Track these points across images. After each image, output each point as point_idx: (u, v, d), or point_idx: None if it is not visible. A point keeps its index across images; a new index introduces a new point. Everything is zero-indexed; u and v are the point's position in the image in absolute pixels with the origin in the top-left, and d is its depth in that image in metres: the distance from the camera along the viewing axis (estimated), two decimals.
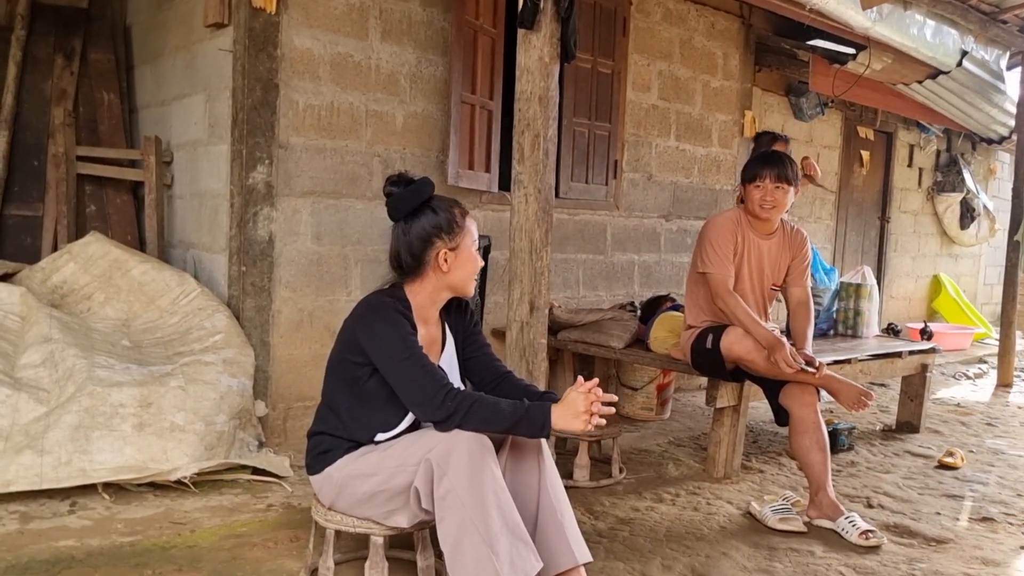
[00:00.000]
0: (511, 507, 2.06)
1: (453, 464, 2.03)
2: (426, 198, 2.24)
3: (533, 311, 2.90)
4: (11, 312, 3.37)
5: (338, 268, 3.88)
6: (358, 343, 2.19)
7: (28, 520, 2.73)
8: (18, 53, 4.21)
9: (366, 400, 2.22)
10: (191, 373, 3.20)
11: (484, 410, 2.08)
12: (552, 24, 2.86)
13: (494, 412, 2.09)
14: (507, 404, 2.10)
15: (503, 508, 2.03)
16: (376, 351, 2.16)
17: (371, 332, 2.17)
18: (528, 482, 2.21)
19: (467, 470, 2.03)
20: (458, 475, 2.02)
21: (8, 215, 4.16)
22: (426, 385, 2.09)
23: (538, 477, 2.21)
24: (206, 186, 3.91)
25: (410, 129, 4.07)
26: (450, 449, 2.05)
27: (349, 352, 2.21)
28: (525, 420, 2.09)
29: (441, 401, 2.08)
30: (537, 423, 2.10)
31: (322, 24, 3.73)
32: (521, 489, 2.20)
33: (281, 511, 2.96)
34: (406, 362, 2.11)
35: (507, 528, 2.02)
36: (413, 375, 2.10)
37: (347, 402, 2.24)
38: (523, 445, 2.24)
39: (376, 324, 2.17)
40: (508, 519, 2.03)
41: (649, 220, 5.42)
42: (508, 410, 2.09)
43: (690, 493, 3.45)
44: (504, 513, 2.03)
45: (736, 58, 5.84)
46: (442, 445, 2.06)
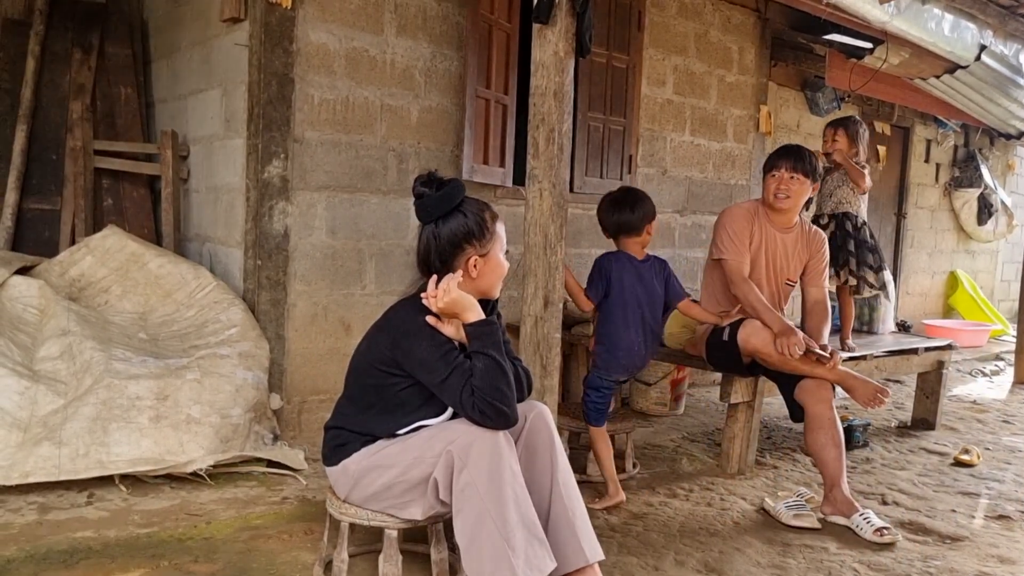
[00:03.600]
0: (528, 504, 2.07)
1: (474, 457, 2.04)
2: (458, 202, 2.23)
3: (548, 306, 2.90)
4: (30, 305, 3.41)
5: (353, 262, 3.90)
6: (396, 361, 2.18)
7: (46, 511, 2.76)
8: (36, 48, 4.24)
9: (397, 404, 2.22)
10: (207, 366, 3.22)
11: (490, 381, 2.09)
12: (567, 19, 2.85)
13: (490, 371, 2.09)
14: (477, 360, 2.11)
15: (521, 504, 2.04)
16: (423, 375, 2.16)
17: (411, 356, 2.16)
18: (541, 480, 2.22)
19: (487, 464, 2.04)
20: (479, 468, 2.03)
21: (26, 208, 4.19)
22: (463, 402, 2.10)
23: (551, 475, 2.22)
24: (222, 180, 3.93)
25: (425, 124, 4.07)
26: (472, 442, 2.06)
27: (383, 364, 2.19)
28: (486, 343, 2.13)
29: (472, 411, 2.09)
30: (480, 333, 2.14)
31: (337, 18, 3.73)
32: (534, 487, 2.21)
33: (296, 504, 2.98)
34: (448, 381, 2.12)
35: (524, 525, 2.03)
36: (455, 391, 2.11)
37: (374, 404, 2.24)
38: (537, 443, 2.24)
39: (415, 348, 2.15)
40: (525, 516, 2.04)
41: (663, 215, 5.39)
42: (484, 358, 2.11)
43: (704, 489, 3.44)
44: (521, 509, 2.04)
45: (752, 52, 5.81)
46: (464, 438, 2.07)
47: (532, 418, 2.27)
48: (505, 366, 2.12)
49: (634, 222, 3.29)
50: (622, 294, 3.25)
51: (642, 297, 3.27)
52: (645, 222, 3.31)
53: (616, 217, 3.31)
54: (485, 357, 2.11)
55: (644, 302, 3.27)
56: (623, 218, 3.29)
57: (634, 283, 3.26)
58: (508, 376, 2.12)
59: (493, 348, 2.12)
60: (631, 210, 3.28)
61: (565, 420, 3.51)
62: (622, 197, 3.34)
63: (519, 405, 2.29)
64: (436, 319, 2.18)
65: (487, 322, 2.15)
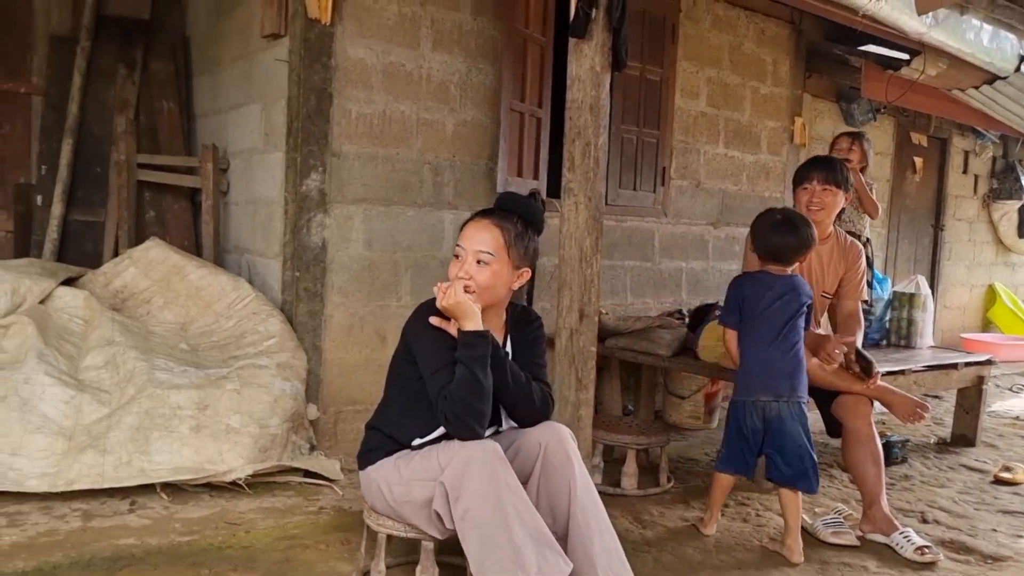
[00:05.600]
0: (533, 515, 2.06)
1: (467, 484, 2.05)
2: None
3: (583, 318, 2.91)
4: (75, 315, 3.48)
5: (389, 274, 3.93)
6: (410, 348, 2.28)
7: (90, 518, 2.82)
8: (83, 63, 4.35)
9: (413, 401, 2.28)
10: (246, 376, 3.27)
11: (462, 392, 2.11)
12: (603, 33, 2.87)
13: (466, 383, 2.11)
14: (458, 368, 2.13)
15: (523, 518, 2.03)
16: (419, 361, 2.24)
17: (416, 339, 2.27)
18: (559, 503, 2.21)
19: (481, 488, 2.04)
20: (473, 495, 2.04)
21: (72, 220, 4.30)
22: (438, 403, 2.15)
23: (568, 500, 2.20)
24: (261, 193, 3.99)
25: (460, 137, 4.11)
26: (462, 469, 2.07)
27: (405, 353, 2.30)
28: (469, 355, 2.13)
29: (441, 415, 2.14)
30: (466, 343, 2.15)
31: (375, 34, 3.79)
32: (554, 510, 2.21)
33: (332, 514, 3.01)
34: (435, 375, 2.18)
35: (531, 538, 2.02)
36: (434, 389, 2.17)
37: (397, 399, 2.33)
38: (554, 467, 2.23)
39: (421, 332, 2.25)
40: (530, 528, 2.03)
41: (697, 227, 5.38)
42: (463, 369, 2.12)
43: (739, 504, 3.42)
44: (525, 523, 2.03)
45: (786, 64, 5.78)
46: (453, 467, 2.08)
47: (547, 443, 2.26)
48: (483, 382, 2.13)
49: (790, 250, 3.00)
50: (757, 308, 3.01)
51: (779, 309, 2.97)
52: (800, 252, 3.02)
53: (774, 239, 3.01)
54: (465, 368, 2.13)
55: (780, 313, 2.97)
56: (783, 242, 2.99)
57: (772, 299, 2.98)
58: (482, 392, 2.13)
59: (475, 362, 2.13)
60: (796, 235, 2.98)
61: (599, 433, 3.51)
62: (783, 220, 3.03)
63: (538, 427, 2.31)
64: (442, 320, 2.22)
65: (478, 334, 2.16)
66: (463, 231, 2.30)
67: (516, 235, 2.28)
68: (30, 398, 3.00)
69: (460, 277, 2.21)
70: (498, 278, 2.25)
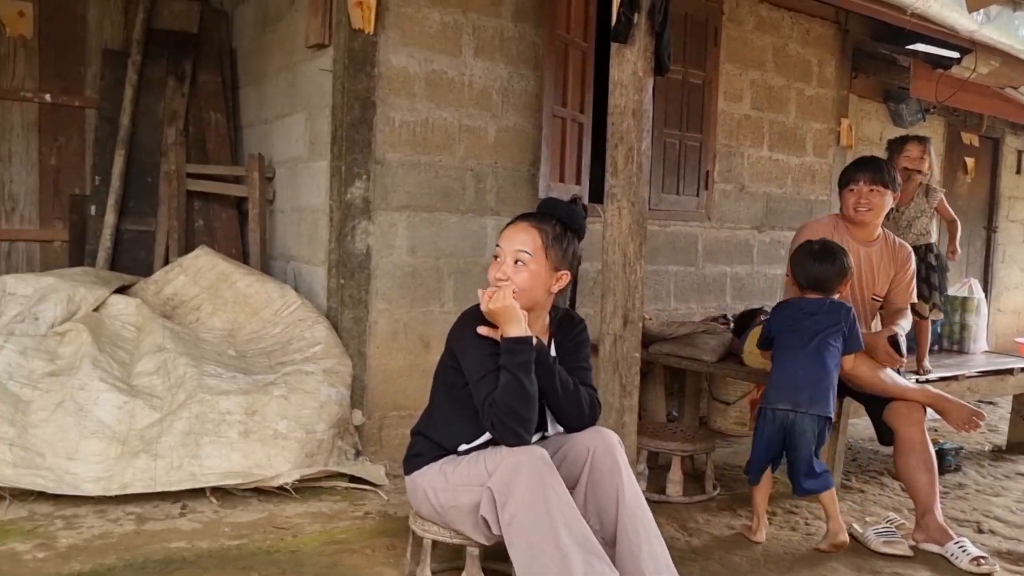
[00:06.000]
0: (579, 522, 2.05)
1: (514, 490, 2.05)
2: None
3: (627, 324, 2.90)
4: (128, 322, 3.57)
5: (432, 280, 3.96)
6: (455, 354, 2.29)
7: (143, 521, 2.88)
8: (134, 76, 4.46)
9: (459, 407, 2.28)
10: (293, 382, 3.32)
11: (507, 398, 2.11)
12: (646, 38, 2.86)
13: (510, 390, 2.11)
14: (502, 375, 2.13)
15: (571, 525, 2.02)
16: (465, 368, 2.25)
17: (461, 344, 2.27)
18: (607, 509, 2.20)
19: (528, 494, 2.03)
20: (520, 500, 2.04)
21: (124, 230, 4.40)
22: (483, 410, 2.16)
23: (616, 506, 2.19)
24: (306, 201, 4.05)
25: (502, 143, 4.12)
26: (509, 475, 2.07)
27: (450, 359, 2.31)
28: (512, 361, 2.12)
29: (486, 421, 2.15)
30: (509, 349, 2.14)
31: (417, 42, 3.82)
32: (603, 514, 2.20)
33: (378, 519, 3.03)
34: (480, 382, 2.18)
35: (578, 544, 2.00)
36: (480, 396, 2.17)
37: (443, 405, 2.33)
38: (602, 473, 2.22)
39: (466, 337, 2.25)
40: (577, 535, 2.02)
41: (741, 231, 5.33)
42: (508, 375, 2.12)
43: (787, 512, 3.37)
44: (572, 530, 2.02)
45: (832, 65, 5.70)
46: (500, 472, 2.08)
47: (595, 449, 2.25)
48: (528, 388, 2.12)
49: (829, 279, 3.07)
50: (788, 324, 3.07)
51: (811, 325, 3.02)
52: (840, 281, 3.08)
53: (812, 270, 3.08)
54: (509, 375, 2.13)
55: (813, 330, 3.00)
56: (820, 272, 3.07)
57: (804, 317, 3.05)
58: (528, 398, 2.13)
59: (519, 368, 2.13)
60: (833, 264, 3.06)
61: (644, 439, 3.49)
62: (820, 251, 3.10)
63: (585, 432, 2.30)
64: (490, 328, 2.21)
65: (521, 340, 2.15)
66: (502, 233, 2.31)
67: (554, 236, 2.27)
68: (85, 403, 3.08)
69: (498, 278, 2.21)
70: (536, 279, 2.24)
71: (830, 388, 2.96)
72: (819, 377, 2.94)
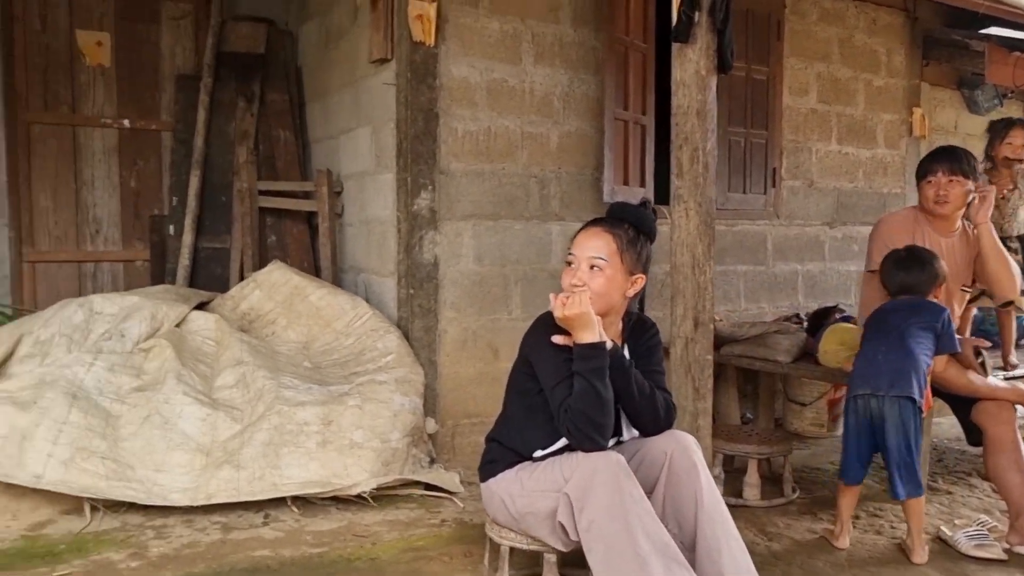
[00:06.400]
0: (658, 528, 2.04)
1: (591, 495, 2.05)
2: None
3: (698, 326, 2.86)
4: (208, 337, 3.68)
5: (499, 288, 3.98)
6: (529, 361, 2.30)
7: (228, 530, 2.96)
8: (206, 99, 4.61)
9: (533, 413, 2.29)
10: (367, 392, 3.37)
11: (582, 404, 2.10)
12: (708, 36, 2.83)
13: (584, 395, 2.11)
14: (576, 381, 2.13)
15: (649, 531, 2.01)
16: (540, 375, 2.26)
17: (535, 350, 2.28)
18: (686, 514, 2.18)
19: (606, 499, 2.03)
20: (597, 506, 2.03)
21: (201, 247, 4.55)
22: (559, 416, 2.16)
23: (695, 510, 2.17)
24: (374, 213, 4.12)
25: (564, 148, 4.12)
26: (586, 480, 2.06)
27: (524, 366, 2.32)
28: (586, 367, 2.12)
29: (562, 427, 2.15)
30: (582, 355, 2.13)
31: (478, 52, 3.85)
32: (681, 519, 2.18)
33: (454, 526, 3.06)
34: (555, 389, 2.18)
35: (657, 551, 1.99)
36: (556, 402, 2.17)
37: (518, 412, 2.34)
38: (680, 477, 2.20)
39: (540, 343, 2.27)
40: (656, 541, 2.00)
41: (812, 228, 5.21)
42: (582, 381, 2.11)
43: (871, 515, 3.28)
44: (651, 536, 2.00)
45: (901, 54, 5.54)
46: (577, 477, 2.08)
47: (673, 452, 2.23)
48: (603, 394, 2.11)
49: (920, 284, 3.01)
50: (876, 323, 3.02)
51: (897, 319, 2.95)
52: (931, 285, 3.01)
53: (901, 278, 3.03)
54: (583, 381, 2.12)
55: (898, 323, 2.93)
56: (909, 279, 3.02)
57: (891, 314, 2.99)
58: (603, 404, 2.12)
59: (593, 374, 2.12)
60: (923, 271, 3.00)
61: (719, 443, 3.44)
62: (907, 257, 3.06)
63: (662, 436, 2.28)
64: (565, 337, 2.21)
65: (595, 346, 2.14)
66: (575, 240, 2.30)
67: (628, 241, 2.27)
68: (170, 417, 3.19)
69: (574, 284, 2.21)
70: (612, 284, 2.24)
71: (913, 372, 2.83)
72: (900, 360, 2.84)
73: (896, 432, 2.79)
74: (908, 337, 2.87)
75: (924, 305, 2.96)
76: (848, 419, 2.92)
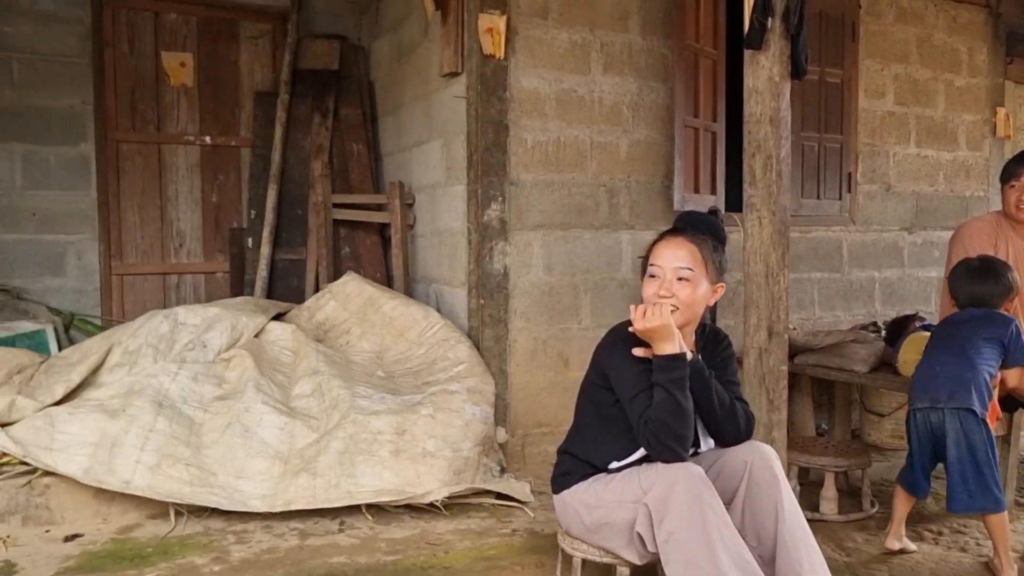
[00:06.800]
0: (738, 543, 2.01)
1: (671, 506, 2.03)
2: None
3: (772, 336, 2.82)
4: (285, 348, 3.79)
5: (568, 297, 3.99)
6: (605, 373, 2.29)
7: (306, 536, 3.04)
8: (283, 115, 4.75)
9: (608, 424, 2.28)
10: (439, 402, 3.42)
11: (663, 416, 2.09)
12: (781, 42, 2.79)
13: (665, 407, 2.09)
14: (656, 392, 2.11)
15: (729, 546, 1.99)
16: (617, 386, 2.25)
17: (614, 367, 2.26)
18: (765, 525, 2.15)
19: (686, 511, 2.01)
20: (678, 517, 2.02)
21: (278, 259, 4.68)
22: (639, 427, 2.15)
23: (775, 521, 2.14)
24: (445, 225, 4.17)
25: (634, 157, 4.11)
26: (666, 491, 2.05)
27: (598, 378, 2.32)
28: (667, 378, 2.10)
29: (642, 439, 2.14)
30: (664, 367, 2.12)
31: (547, 63, 3.88)
32: (761, 531, 2.15)
33: (525, 536, 3.07)
34: (634, 400, 2.17)
35: (737, 567, 1.97)
36: (636, 413, 2.16)
37: (592, 424, 2.33)
38: (760, 487, 2.18)
39: (617, 355, 2.26)
40: (736, 557, 1.98)
41: (889, 233, 5.07)
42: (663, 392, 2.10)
43: (955, 531, 3.17)
44: (731, 551, 1.98)
45: (983, 52, 5.35)
46: (657, 488, 2.07)
47: (753, 462, 2.21)
48: (684, 405, 2.10)
49: (990, 297, 2.91)
50: (941, 335, 2.97)
51: (964, 331, 2.88)
52: (1003, 299, 2.91)
53: (972, 288, 2.94)
54: (664, 392, 2.11)
55: (965, 334, 2.87)
56: (980, 291, 2.92)
57: (957, 327, 2.93)
58: (684, 415, 2.10)
59: (674, 385, 2.10)
60: (995, 282, 2.90)
61: (794, 455, 3.37)
62: (981, 267, 2.96)
63: (741, 446, 2.25)
64: (645, 349, 2.20)
65: (676, 357, 2.13)
66: (656, 251, 2.28)
67: (711, 250, 2.27)
68: (250, 425, 3.29)
69: (662, 295, 2.19)
70: (698, 294, 2.23)
71: (974, 383, 2.74)
72: (960, 371, 2.77)
73: (957, 445, 2.72)
74: (970, 349, 2.80)
75: (992, 316, 2.87)
76: (910, 432, 2.87)
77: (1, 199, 4.55)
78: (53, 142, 4.62)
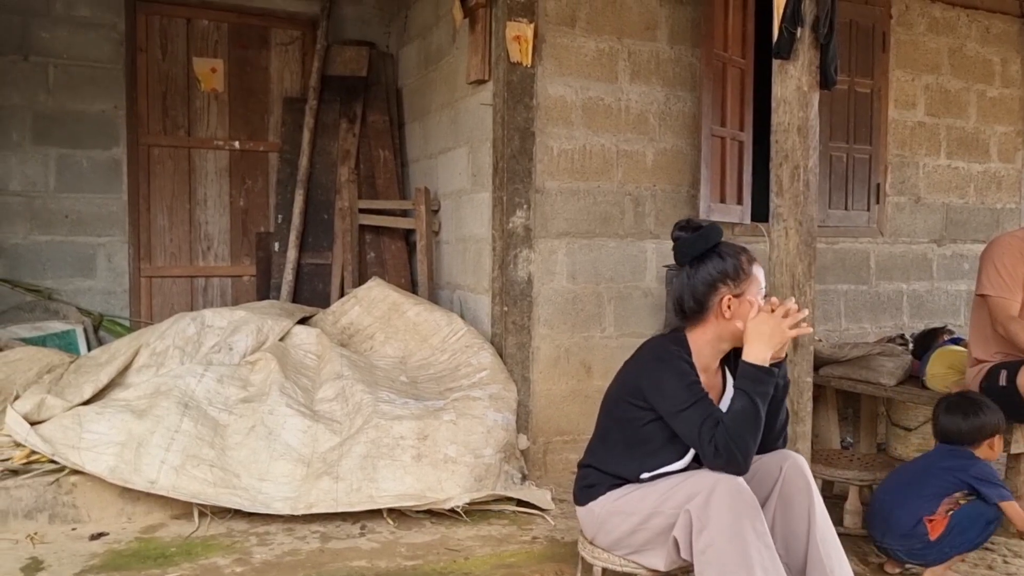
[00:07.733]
0: (776, 566, 1.99)
1: (713, 518, 2.00)
2: (713, 244, 2.24)
3: (797, 348, 2.79)
4: (309, 351, 3.81)
5: (592, 306, 3.98)
6: (641, 391, 2.22)
7: (327, 540, 3.05)
8: (311, 121, 4.80)
9: (640, 442, 2.25)
10: (461, 408, 3.43)
11: (740, 425, 2.06)
12: (810, 52, 2.77)
13: (746, 416, 2.07)
14: (739, 399, 2.10)
15: (767, 567, 1.96)
16: (661, 402, 2.18)
17: (656, 383, 2.19)
18: (797, 533, 2.14)
19: (728, 525, 1.99)
20: (719, 529, 1.99)
21: (304, 264, 4.73)
22: (701, 434, 2.09)
23: (807, 528, 2.12)
24: (470, 231, 4.19)
25: (660, 166, 4.10)
26: (710, 501, 2.02)
27: (630, 396, 2.25)
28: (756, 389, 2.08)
29: (708, 445, 2.08)
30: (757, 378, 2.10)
31: (574, 71, 3.88)
32: (791, 539, 2.13)
33: (545, 544, 3.07)
34: (687, 411, 2.12)
35: None
36: (693, 423, 2.11)
37: (620, 440, 2.29)
38: (793, 494, 2.17)
39: (662, 374, 2.19)
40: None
41: (918, 246, 5.02)
42: (747, 401, 2.08)
43: (982, 548, 3.11)
44: (768, 571, 1.96)
45: (1017, 63, 5.28)
46: (702, 496, 2.04)
47: (787, 468, 2.20)
48: (763, 417, 2.08)
49: (964, 434, 2.84)
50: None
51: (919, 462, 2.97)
52: (980, 437, 2.83)
53: (944, 422, 2.89)
54: (747, 399, 2.08)
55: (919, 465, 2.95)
56: (952, 426, 2.86)
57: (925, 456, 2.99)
58: (760, 427, 2.08)
59: (759, 396, 2.09)
60: (963, 418, 2.84)
61: (818, 467, 3.33)
62: (956, 403, 2.90)
63: (774, 453, 2.24)
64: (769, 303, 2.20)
65: (768, 371, 2.11)
66: (755, 271, 2.24)
67: None
68: (274, 428, 3.31)
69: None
70: None
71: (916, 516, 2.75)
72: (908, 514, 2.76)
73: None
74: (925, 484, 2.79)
75: (956, 454, 2.82)
76: None
77: (35, 201, 4.64)
78: (86, 146, 4.70)
